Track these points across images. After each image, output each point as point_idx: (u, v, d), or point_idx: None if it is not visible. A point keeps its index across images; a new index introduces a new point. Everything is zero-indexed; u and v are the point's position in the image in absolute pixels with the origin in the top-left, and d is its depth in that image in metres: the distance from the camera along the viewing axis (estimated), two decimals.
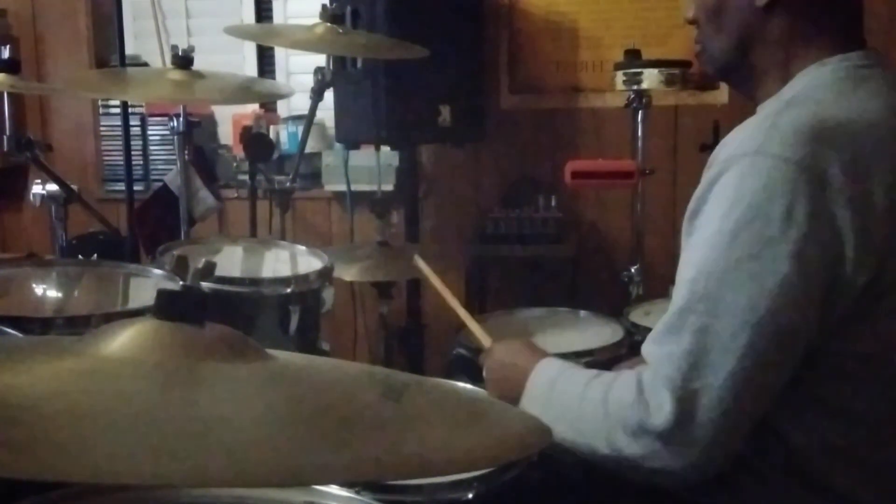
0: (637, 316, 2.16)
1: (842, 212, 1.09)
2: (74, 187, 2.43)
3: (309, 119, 2.61)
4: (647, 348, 1.18)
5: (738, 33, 1.26)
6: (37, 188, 2.42)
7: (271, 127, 3.44)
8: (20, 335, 1.35)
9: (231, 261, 2.06)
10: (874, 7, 2.65)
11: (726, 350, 1.09)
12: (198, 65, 1.99)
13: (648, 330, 1.98)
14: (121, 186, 3.06)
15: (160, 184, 2.91)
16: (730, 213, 1.11)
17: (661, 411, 1.10)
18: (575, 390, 1.23)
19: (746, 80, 1.30)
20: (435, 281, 1.74)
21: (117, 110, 3.39)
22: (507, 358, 1.42)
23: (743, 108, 1.33)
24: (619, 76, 2.65)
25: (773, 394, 1.13)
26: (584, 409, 1.19)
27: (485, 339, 1.60)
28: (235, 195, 3.32)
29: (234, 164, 3.49)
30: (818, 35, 1.23)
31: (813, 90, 1.20)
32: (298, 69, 3.57)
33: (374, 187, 3.23)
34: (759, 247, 1.09)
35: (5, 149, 2.44)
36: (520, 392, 1.32)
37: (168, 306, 0.76)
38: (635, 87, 2.60)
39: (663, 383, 1.11)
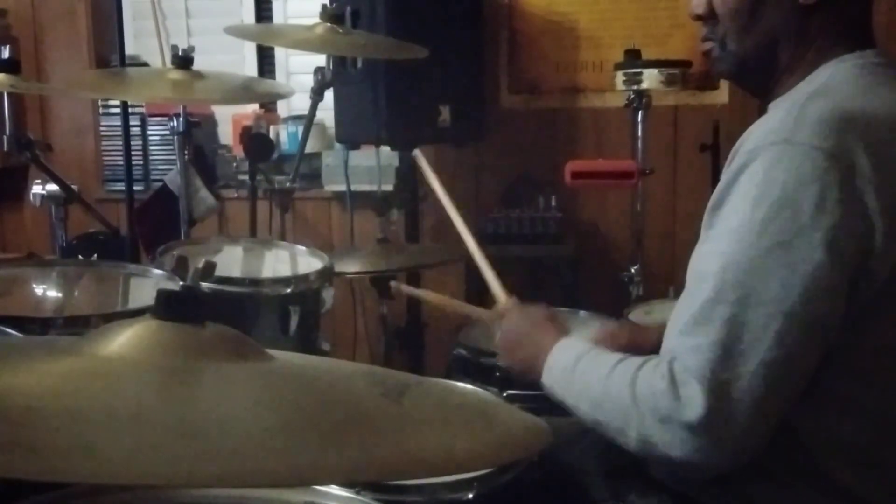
0: (637, 316, 2.16)
1: (871, 200, 1.08)
2: (74, 187, 2.44)
3: (309, 119, 2.61)
4: (671, 341, 1.15)
5: (772, 31, 1.24)
6: (37, 188, 2.42)
7: (271, 127, 3.44)
8: (20, 335, 1.35)
9: (231, 261, 2.06)
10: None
11: (757, 340, 1.08)
12: (198, 65, 1.99)
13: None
14: (121, 186, 3.06)
15: (160, 184, 2.91)
16: (759, 202, 1.09)
17: (693, 404, 1.08)
18: (601, 371, 1.20)
19: (764, 79, 1.28)
20: (437, 186, 1.70)
21: (117, 110, 3.39)
22: (526, 327, 1.41)
23: (743, 108, 1.33)
24: (619, 76, 2.66)
25: (801, 384, 1.12)
26: (609, 390, 1.18)
27: (500, 295, 1.57)
28: (235, 195, 3.32)
29: (234, 164, 3.50)
30: (845, 32, 1.23)
31: (835, 83, 1.19)
32: (298, 69, 3.58)
33: (374, 187, 3.23)
34: (791, 235, 1.08)
35: (5, 149, 2.44)
36: (535, 364, 1.31)
37: (168, 306, 0.76)
38: (635, 87, 2.60)
39: (693, 375, 1.09)
